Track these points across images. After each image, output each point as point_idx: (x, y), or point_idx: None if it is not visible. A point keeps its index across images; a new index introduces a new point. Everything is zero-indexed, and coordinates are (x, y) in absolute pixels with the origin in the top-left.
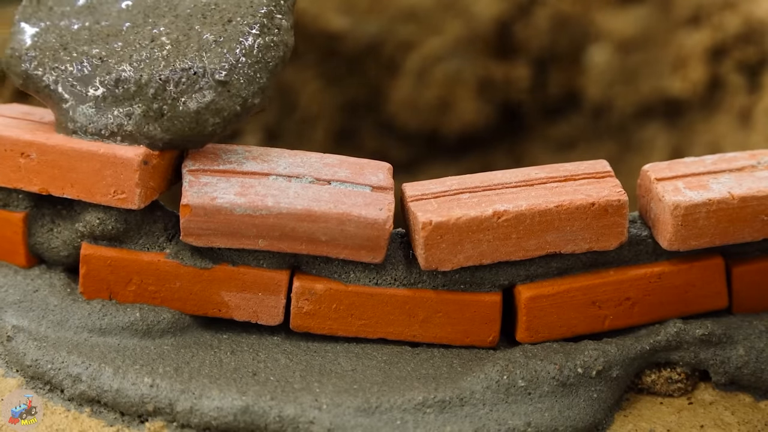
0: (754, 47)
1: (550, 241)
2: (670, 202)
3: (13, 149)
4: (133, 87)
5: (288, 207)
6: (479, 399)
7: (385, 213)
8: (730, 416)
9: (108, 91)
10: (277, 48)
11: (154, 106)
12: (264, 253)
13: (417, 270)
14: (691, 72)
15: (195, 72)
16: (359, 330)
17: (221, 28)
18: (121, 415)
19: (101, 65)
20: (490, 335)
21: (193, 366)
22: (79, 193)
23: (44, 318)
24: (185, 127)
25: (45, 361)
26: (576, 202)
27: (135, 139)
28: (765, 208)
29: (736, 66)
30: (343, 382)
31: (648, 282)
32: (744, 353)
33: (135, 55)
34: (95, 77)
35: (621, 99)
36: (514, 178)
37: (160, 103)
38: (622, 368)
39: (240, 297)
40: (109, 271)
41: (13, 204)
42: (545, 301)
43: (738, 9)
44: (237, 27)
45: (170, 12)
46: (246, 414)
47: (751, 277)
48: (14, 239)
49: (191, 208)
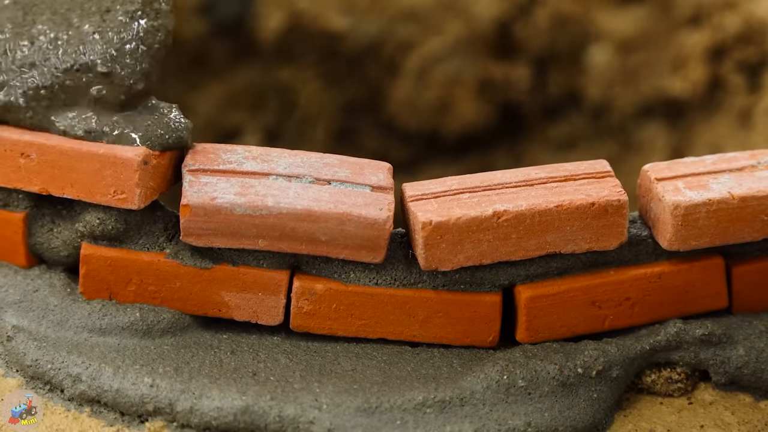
0: (754, 47)
1: (550, 241)
2: (670, 202)
3: (13, 149)
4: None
5: (288, 207)
6: (479, 399)
7: (385, 213)
8: (730, 416)
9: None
10: (158, 32)
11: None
12: (264, 253)
13: (417, 270)
14: (691, 72)
15: (78, 69)
16: (359, 330)
17: (99, 18)
18: (121, 415)
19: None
20: (490, 335)
21: (193, 366)
22: (79, 193)
23: (44, 318)
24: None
25: (45, 361)
26: (576, 202)
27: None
28: (765, 208)
29: (736, 66)
30: (343, 382)
31: (648, 282)
32: (744, 353)
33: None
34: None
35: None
36: (514, 178)
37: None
38: (622, 368)
39: (240, 297)
40: (109, 271)
41: (13, 204)
42: (545, 301)
43: (738, 9)
44: (115, 16)
45: (50, 8)
46: (246, 414)
47: (751, 277)
48: (14, 239)
49: (191, 208)
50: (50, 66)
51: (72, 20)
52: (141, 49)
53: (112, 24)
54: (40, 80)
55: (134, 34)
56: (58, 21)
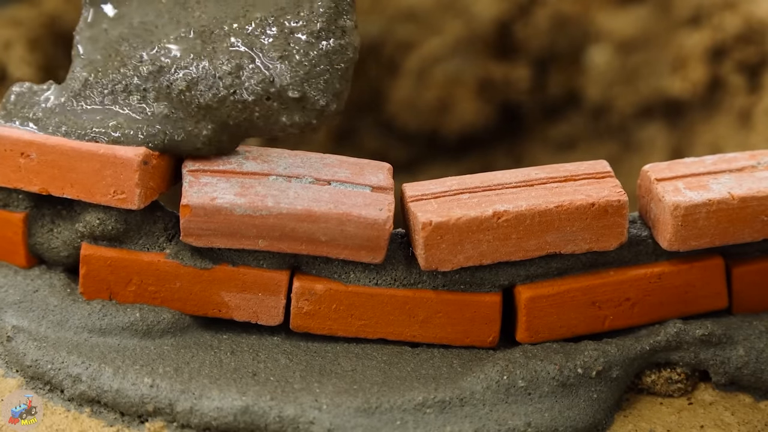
0: (754, 47)
1: (550, 242)
2: (670, 202)
3: (13, 149)
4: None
5: (288, 207)
6: (479, 399)
7: (385, 213)
8: (730, 416)
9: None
10: (346, 51)
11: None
12: (264, 254)
13: (417, 270)
14: (691, 72)
15: (268, 97)
16: (359, 330)
17: (284, 41)
18: (121, 415)
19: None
20: (490, 335)
21: (193, 366)
22: (79, 193)
23: (44, 318)
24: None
25: (45, 361)
26: (576, 202)
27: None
28: (765, 208)
29: (736, 66)
30: (343, 382)
31: (648, 282)
32: (744, 353)
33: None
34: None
35: (621, 99)
36: (514, 179)
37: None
38: (622, 368)
39: (240, 297)
40: (109, 271)
41: (13, 204)
42: (545, 301)
43: (738, 9)
44: (300, 38)
45: (229, 34)
46: (246, 414)
47: (751, 277)
48: (14, 239)
49: (191, 208)
50: (238, 99)
51: (254, 44)
52: (331, 70)
53: (298, 46)
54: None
55: (322, 55)
56: (240, 49)
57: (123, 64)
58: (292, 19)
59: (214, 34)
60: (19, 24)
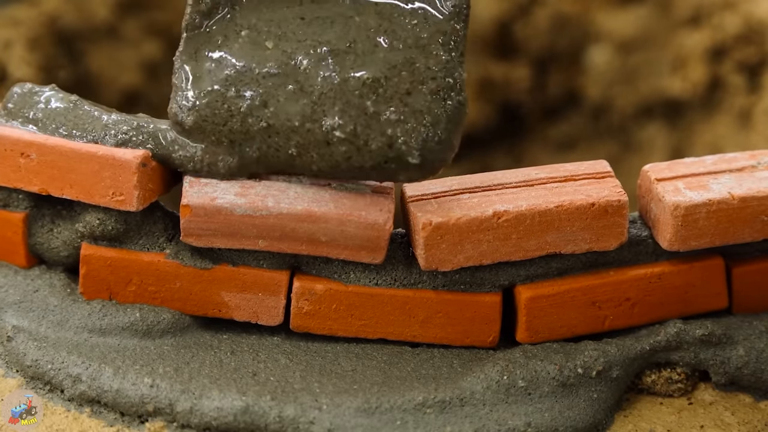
0: (754, 47)
1: (550, 242)
2: (670, 202)
3: (14, 149)
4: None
5: (288, 207)
6: (479, 399)
7: (385, 214)
8: (730, 416)
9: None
10: (463, 106)
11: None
12: (264, 254)
13: (417, 270)
14: (691, 72)
15: (386, 161)
16: (359, 330)
17: (399, 102)
18: (121, 415)
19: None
20: (490, 335)
21: (193, 366)
22: (78, 194)
23: (44, 318)
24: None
25: (45, 361)
26: (576, 202)
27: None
28: (765, 208)
29: (736, 66)
30: (343, 382)
31: (648, 282)
32: (744, 353)
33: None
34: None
35: (621, 99)
36: (514, 179)
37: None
38: (622, 368)
39: (240, 297)
40: (109, 271)
41: (13, 204)
42: (545, 301)
43: (738, 9)
44: (417, 98)
45: (340, 97)
46: (246, 414)
47: (751, 277)
48: (14, 239)
49: (191, 208)
50: (354, 166)
51: (367, 107)
52: (449, 128)
53: (416, 106)
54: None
55: (442, 114)
56: (351, 111)
57: (230, 114)
58: (407, 77)
59: (324, 95)
60: (19, 24)
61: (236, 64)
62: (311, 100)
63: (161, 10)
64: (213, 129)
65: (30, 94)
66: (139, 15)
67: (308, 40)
